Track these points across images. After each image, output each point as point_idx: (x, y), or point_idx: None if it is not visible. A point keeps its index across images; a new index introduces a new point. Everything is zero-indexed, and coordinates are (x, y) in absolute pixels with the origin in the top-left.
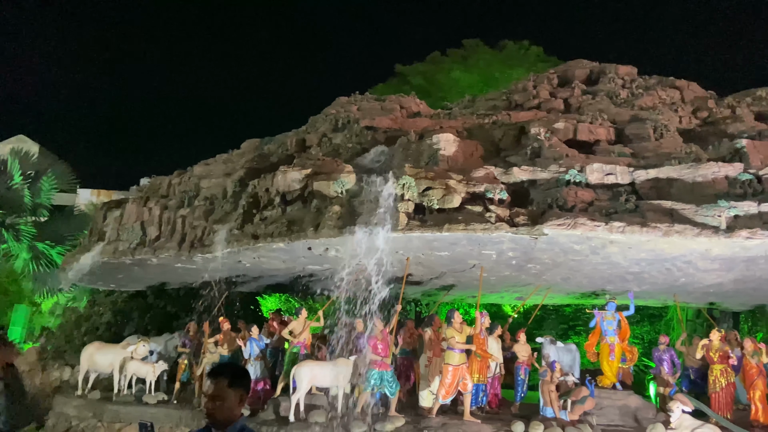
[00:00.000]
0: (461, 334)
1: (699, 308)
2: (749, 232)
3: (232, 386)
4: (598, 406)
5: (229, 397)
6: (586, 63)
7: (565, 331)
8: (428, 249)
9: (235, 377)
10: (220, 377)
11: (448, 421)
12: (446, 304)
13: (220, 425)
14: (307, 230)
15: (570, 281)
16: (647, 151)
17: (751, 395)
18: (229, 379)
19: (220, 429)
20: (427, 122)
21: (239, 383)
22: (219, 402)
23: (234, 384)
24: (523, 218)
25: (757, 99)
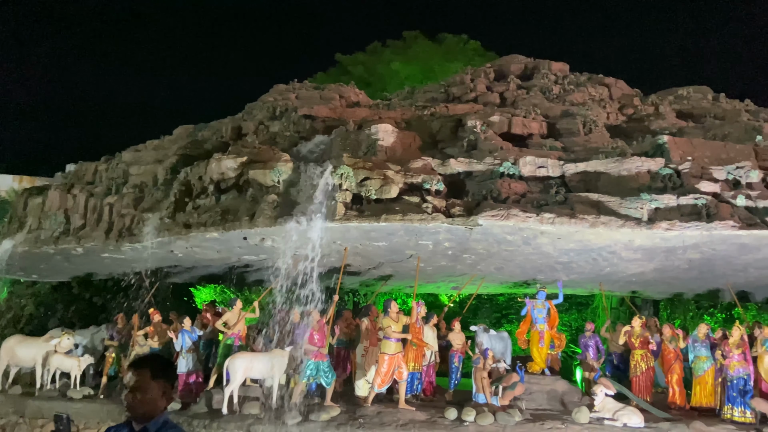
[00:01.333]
0: (397, 324)
1: (622, 296)
2: (668, 224)
3: (154, 378)
4: (528, 391)
5: (152, 389)
6: (521, 58)
7: (498, 319)
8: (366, 239)
9: (157, 368)
10: (141, 368)
11: (384, 410)
12: (384, 294)
13: (141, 419)
14: (242, 220)
15: (503, 271)
16: (577, 145)
17: (669, 379)
18: (151, 370)
19: (142, 423)
20: (366, 112)
21: (162, 375)
22: (140, 394)
23: (157, 375)
24: (458, 209)
25: (678, 98)
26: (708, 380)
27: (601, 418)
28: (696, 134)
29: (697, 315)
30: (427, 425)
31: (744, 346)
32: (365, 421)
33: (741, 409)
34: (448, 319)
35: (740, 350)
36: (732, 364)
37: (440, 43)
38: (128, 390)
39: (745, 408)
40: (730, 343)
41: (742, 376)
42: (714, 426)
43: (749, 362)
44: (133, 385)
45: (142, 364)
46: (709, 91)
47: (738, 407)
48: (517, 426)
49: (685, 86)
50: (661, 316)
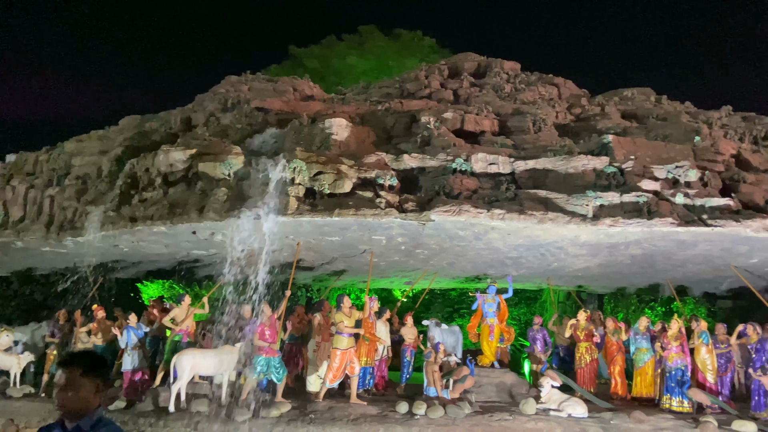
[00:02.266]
0: (350, 319)
1: (569, 291)
2: (612, 221)
3: (86, 375)
4: (478, 384)
5: (83, 386)
6: (474, 56)
7: (451, 314)
8: (319, 234)
9: (89, 365)
10: (72, 366)
11: (335, 405)
12: (337, 290)
13: (73, 417)
14: (191, 213)
15: (455, 266)
16: (527, 143)
17: (612, 370)
18: (82, 367)
19: (74, 420)
20: (321, 106)
21: (95, 372)
22: (71, 392)
23: (88, 372)
24: (412, 204)
25: (623, 98)
26: (648, 371)
27: (547, 409)
28: (639, 134)
29: (638, 308)
30: (378, 419)
31: (682, 339)
32: (316, 417)
33: (679, 399)
34: (401, 313)
35: (678, 342)
36: (670, 355)
37: (396, 38)
38: (58, 388)
39: (683, 398)
40: (669, 336)
41: (680, 367)
42: (653, 415)
43: (687, 354)
44: (64, 383)
45: (72, 361)
46: (652, 93)
47: (676, 397)
48: (467, 418)
49: (629, 87)
50: (605, 310)
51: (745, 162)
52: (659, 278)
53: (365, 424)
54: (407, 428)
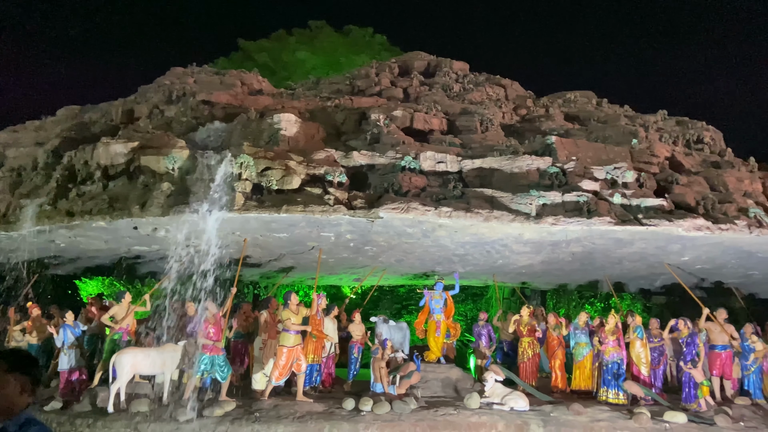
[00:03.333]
0: (297, 316)
1: (514, 287)
2: (554, 219)
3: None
4: (424, 379)
5: (8, 384)
6: (424, 55)
7: (399, 310)
8: (266, 230)
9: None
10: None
11: (281, 403)
12: (285, 286)
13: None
14: (132, 208)
15: (403, 263)
16: (474, 142)
17: (552, 364)
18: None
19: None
20: (269, 101)
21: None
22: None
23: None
24: (360, 201)
25: (567, 101)
26: (587, 365)
27: (490, 403)
28: (580, 136)
29: (579, 304)
30: (324, 416)
31: (618, 333)
32: (261, 415)
33: (615, 392)
34: (349, 310)
35: (615, 337)
36: (607, 349)
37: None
38: None
39: (619, 390)
40: (606, 330)
41: (616, 361)
42: (590, 407)
43: (623, 348)
44: None
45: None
46: (594, 96)
47: (612, 389)
48: (412, 414)
49: (572, 90)
50: (547, 306)
51: (678, 164)
52: (598, 275)
53: (311, 422)
54: (353, 425)
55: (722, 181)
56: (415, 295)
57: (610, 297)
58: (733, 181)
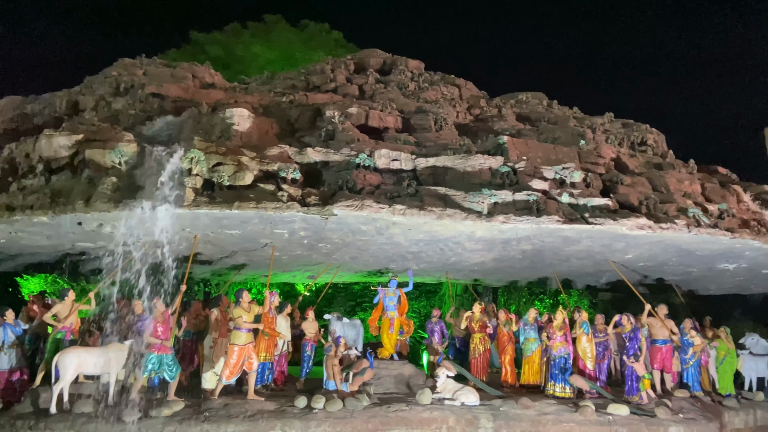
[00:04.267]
0: (249, 314)
1: (466, 284)
2: (505, 217)
3: None
4: (377, 376)
5: None
6: (380, 53)
7: (353, 307)
8: (218, 227)
9: None
10: None
11: (231, 402)
12: (237, 284)
13: None
14: (76, 203)
15: (358, 260)
16: (428, 141)
17: (503, 359)
18: None
19: None
20: (222, 95)
21: None
22: None
23: None
24: (314, 198)
25: (519, 102)
26: (535, 360)
27: (442, 399)
28: (531, 136)
29: (529, 301)
30: (276, 415)
31: (566, 329)
32: (211, 414)
33: (562, 385)
34: (302, 308)
35: (562, 332)
36: (555, 344)
37: (302, 30)
38: None
39: (565, 384)
40: (554, 326)
41: (563, 355)
42: (538, 401)
43: (569, 343)
44: None
45: None
46: (545, 97)
47: (559, 383)
48: (364, 410)
49: (524, 91)
50: (499, 302)
51: (623, 165)
52: (547, 272)
53: (262, 420)
54: (305, 423)
55: (664, 182)
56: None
57: (559, 293)
58: (674, 182)
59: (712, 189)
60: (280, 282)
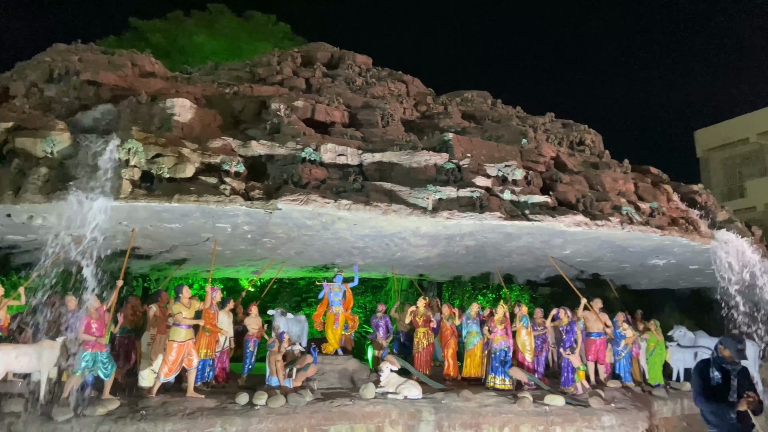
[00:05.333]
0: (189, 310)
1: (411, 279)
2: (449, 213)
3: None
4: (321, 371)
5: None
6: (328, 47)
7: (298, 303)
8: (157, 220)
9: None
10: None
11: (170, 399)
12: (178, 279)
13: None
14: (4, 194)
15: (303, 255)
16: (375, 136)
17: (446, 353)
18: None
19: None
20: (162, 84)
21: None
22: None
23: None
24: (258, 192)
25: (464, 100)
26: (477, 353)
27: (385, 393)
28: (476, 134)
29: (472, 295)
30: (216, 412)
31: (506, 322)
32: (148, 413)
33: (501, 378)
34: (246, 303)
35: (503, 326)
36: (496, 338)
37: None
38: None
39: (505, 376)
40: (495, 320)
41: (504, 348)
42: (479, 393)
43: (510, 336)
44: None
45: None
46: (489, 96)
47: (499, 376)
48: (307, 406)
49: (470, 90)
50: (443, 297)
51: (562, 164)
52: (490, 267)
53: (202, 418)
54: (246, 419)
55: (600, 180)
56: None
57: (501, 288)
58: (609, 181)
59: (645, 188)
60: (223, 277)
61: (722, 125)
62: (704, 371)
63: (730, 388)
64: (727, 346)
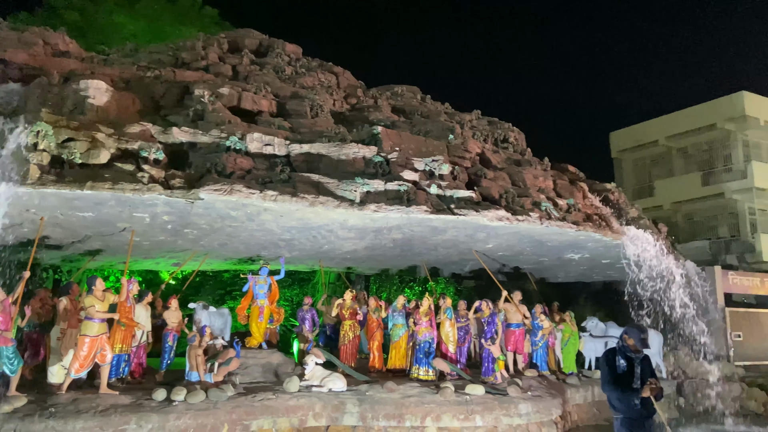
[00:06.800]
0: (103, 303)
1: (339, 272)
2: (376, 206)
3: None
4: (244, 365)
5: None
6: (257, 34)
7: (222, 296)
8: (68, 208)
9: None
10: None
11: (81, 396)
12: (92, 271)
13: None
14: None
15: (227, 247)
16: (303, 127)
17: (371, 345)
18: None
19: None
20: (77, 65)
21: None
22: None
23: None
24: (179, 181)
25: (395, 94)
26: (402, 345)
27: (310, 386)
28: (405, 128)
29: (400, 288)
30: (131, 408)
31: (431, 315)
32: (57, 410)
33: (425, 369)
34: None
35: (428, 318)
36: (420, 330)
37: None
38: None
39: (429, 367)
40: (421, 312)
41: (428, 340)
42: (403, 385)
43: (434, 328)
44: None
45: None
46: (419, 91)
47: (423, 367)
48: (229, 401)
49: (400, 84)
50: (371, 290)
51: (486, 160)
52: (416, 260)
53: (116, 415)
54: (163, 416)
55: (522, 177)
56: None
57: (428, 281)
58: (530, 177)
59: (563, 185)
60: (141, 269)
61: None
62: (611, 359)
63: (634, 375)
64: (631, 335)
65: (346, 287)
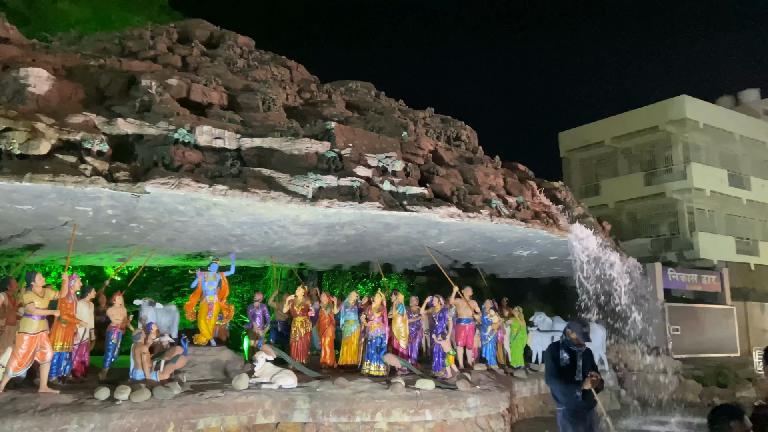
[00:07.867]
0: (43, 299)
1: (291, 268)
2: (329, 202)
3: None
4: (191, 363)
5: None
6: (208, 25)
7: (170, 292)
8: (6, 201)
9: None
10: None
11: (20, 396)
12: (31, 266)
13: None
14: None
15: (175, 242)
16: (255, 120)
17: (323, 341)
18: None
19: None
20: (17, 52)
21: None
22: None
23: None
24: (124, 174)
25: (349, 89)
26: (354, 341)
27: (259, 383)
28: (358, 124)
29: (353, 284)
30: (72, 408)
31: (383, 310)
32: None
33: (376, 364)
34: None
35: (380, 314)
36: (372, 325)
37: None
38: None
39: (380, 363)
40: (373, 308)
41: (380, 336)
42: (354, 380)
43: (386, 324)
44: None
45: None
46: (373, 87)
47: (374, 362)
48: (175, 399)
49: (354, 80)
50: (324, 286)
51: (439, 158)
52: (370, 257)
53: (56, 415)
54: (106, 415)
55: (473, 175)
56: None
57: (381, 277)
58: (481, 175)
59: (512, 183)
60: (84, 265)
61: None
62: (554, 353)
63: (576, 368)
64: (574, 329)
65: (299, 283)
